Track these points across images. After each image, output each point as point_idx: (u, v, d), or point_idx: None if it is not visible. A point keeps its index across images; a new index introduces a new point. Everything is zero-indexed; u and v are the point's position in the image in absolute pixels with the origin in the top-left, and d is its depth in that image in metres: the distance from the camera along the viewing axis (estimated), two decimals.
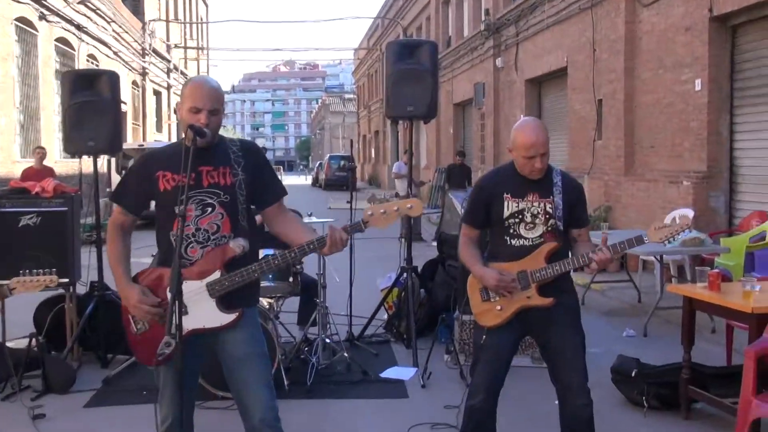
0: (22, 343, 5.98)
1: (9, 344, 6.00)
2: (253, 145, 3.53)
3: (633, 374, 5.31)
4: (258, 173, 3.41)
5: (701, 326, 7.09)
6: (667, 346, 6.65)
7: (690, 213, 9.27)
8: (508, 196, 3.73)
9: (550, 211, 3.70)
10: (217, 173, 3.32)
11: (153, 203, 3.40)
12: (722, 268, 7.97)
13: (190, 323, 3.22)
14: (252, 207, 3.43)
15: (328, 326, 6.38)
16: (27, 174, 11.84)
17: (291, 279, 6.08)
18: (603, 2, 12.54)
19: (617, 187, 12.02)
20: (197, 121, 3.23)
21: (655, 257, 7.81)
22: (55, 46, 17.36)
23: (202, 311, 3.25)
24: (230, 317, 3.27)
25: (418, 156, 31.00)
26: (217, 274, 3.25)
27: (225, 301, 3.27)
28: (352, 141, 7.92)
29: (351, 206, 6.76)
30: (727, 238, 8.85)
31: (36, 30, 16.07)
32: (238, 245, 3.26)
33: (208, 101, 3.26)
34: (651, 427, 4.97)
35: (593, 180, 12.84)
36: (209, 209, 3.29)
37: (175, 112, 4.49)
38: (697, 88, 9.86)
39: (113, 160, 16.88)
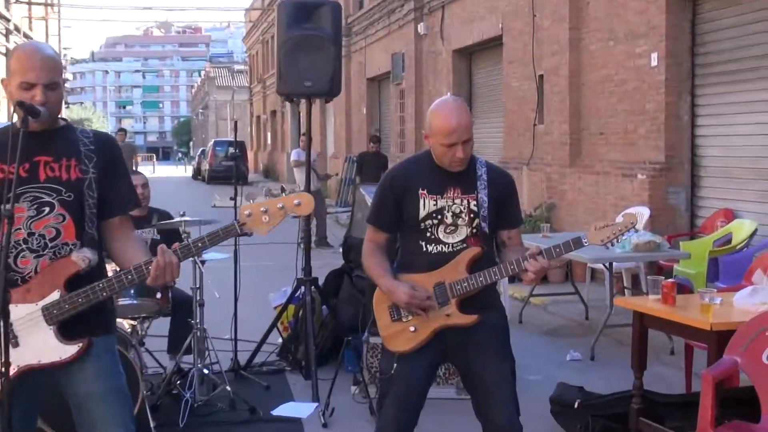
0: None
1: None
2: (110, 139, 3.45)
3: (576, 405, 5.43)
4: (110, 174, 3.31)
5: (658, 347, 7.34)
6: (618, 371, 6.83)
7: (645, 212, 9.58)
8: (424, 192, 3.77)
9: (475, 209, 3.75)
10: (59, 166, 3.22)
11: None
12: (682, 277, 8.28)
13: (21, 358, 3.10)
14: None
15: (206, 353, 6.30)
16: None
17: (158, 295, 5.97)
18: None
19: (562, 180, 12.32)
20: (31, 99, 3.11)
21: (603, 265, 8.03)
22: None
23: (36, 342, 3.13)
24: (72, 349, 3.15)
25: (325, 143, 31.01)
26: (55, 295, 3.14)
27: (66, 329, 3.15)
28: (236, 123, 7.84)
29: (236, 204, 6.70)
30: (688, 241, 9.19)
31: None
32: (82, 258, 3.16)
33: (43, 73, 3.14)
34: None
35: (534, 172, 13.13)
36: (46, 209, 3.18)
37: (3, 86, 4.26)
38: (653, 63, 10.16)
39: None
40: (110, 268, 3.61)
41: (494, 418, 3.70)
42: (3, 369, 2.88)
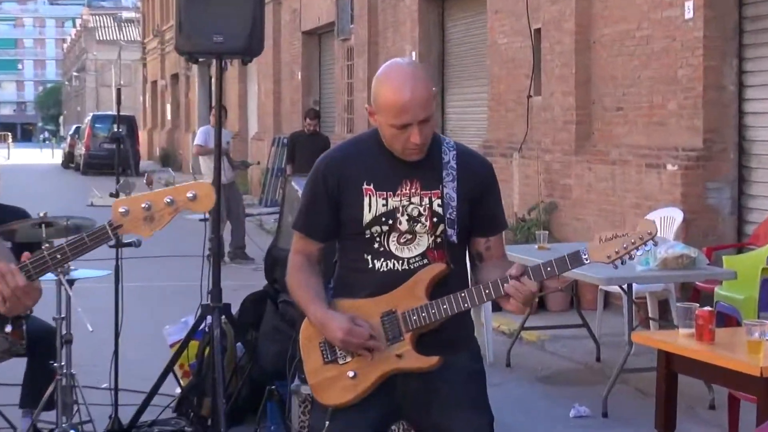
0: None
1: None
2: None
3: None
4: None
5: (692, 399, 7.38)
6: None
7: (677, 215, 9.63)
8: (370, 187, 3.74)
9: (439, 210, 3.73)
10: None
11: None
12: (725, 304, 8.33)
13: None
14: None
15: (75, 409, 6.25)
16: None
17: (8, 328, 5.91)
18: None
19: (565, 172, 12.40)
20: None
21: (620, 288, 8.06)
22: None
23: None
24: None
25: (245, 119, 30.95)
26: None
27: None
28: (120, 90, 7.79)
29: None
30: (734, 255, 9.25)
31: None
32: None
33: None
34: None
35: (528, 161, 13.21)
36: None
37: None
38: (688, 15, 10.23)
39: None
40: None
41: None
42: None
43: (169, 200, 3.15)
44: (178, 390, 7.34)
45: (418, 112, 3.62)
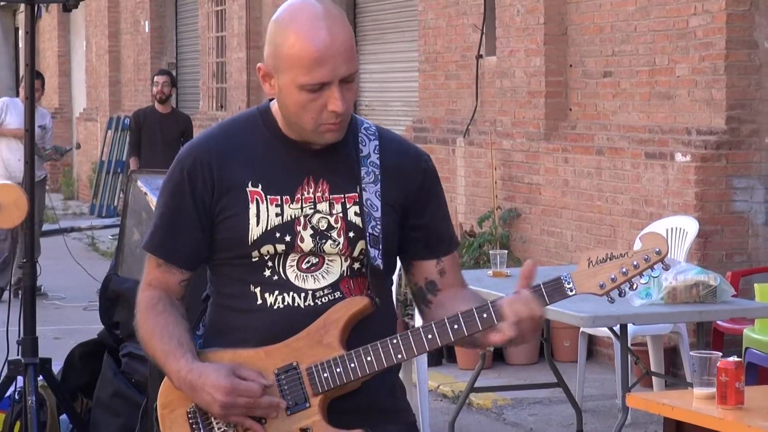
0: None
1: None
2: None
3: None
4: None
5: None
6: None
7: (690, 225, 9.76)
8: (258, 190, 3.76)
9: (358, 221, 3.77)
10: None
11: None
12: (758, 352, 8.46)
13: None
14: None
15: None
16: None
17: None
18: None
19: (531, 165, 12.53)
20: None
21: (611, 330, 8.14)
22: None
23: None
24: None
25: (68, 90, 30.77)
26: None
27: None
28: None
29: None
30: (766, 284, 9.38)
31: None
32: None
33: None
34: None
35: (477, 149, 13.33)
36: None
37: None
38: None
39: None
40: None
41: None
42: None
43: None
44: None
45: (340, 64, 3.61)
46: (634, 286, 3.65)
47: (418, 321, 4.10)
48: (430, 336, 3.66)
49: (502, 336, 3.51)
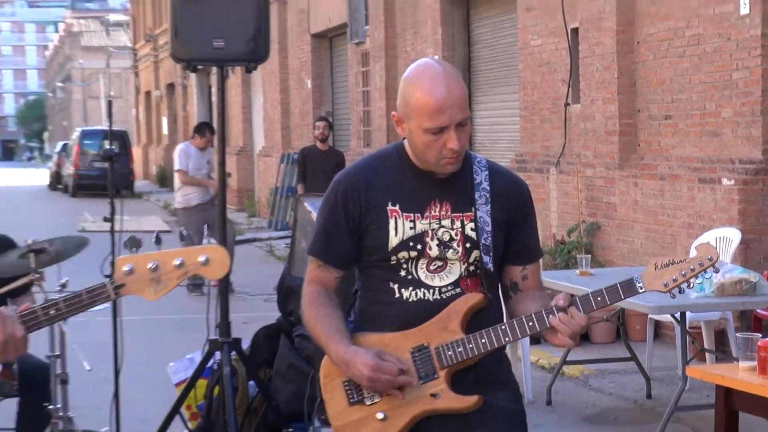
0: None
1: None
2: None
3: None
4: None
5: None
6: None
7: (734, 235, 9.62)
8: (396, 208, 3.76)
9: (473, 235, 3.75)
10: None
11: None
12: None
13: None
14: None
15: None
16: None
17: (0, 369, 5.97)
18: None
19: (609, 189, 12.40)
20: None
21: (672, 316, 8.06)
22: None
23: None
24: None
25: (249, 133, 30.95)
26: None
27: None
28: (111, 103, 7.84)
29: (113, 227, 6.68)
30: None
31: None
32: None
33: None
34: None
35: (567, 176, 13.22)
36: None
37: None
38: (744, 10, 10.21)
39: None
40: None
41: None
42: None
43: (178, 263, 3.16)
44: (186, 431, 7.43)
45: (456, 112, 3.62)
46: (691, 285, 3.64)
47: None
48: (530, 324, 3.66)
49: (556, 340, 3.66)
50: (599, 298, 3.63)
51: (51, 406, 6.16)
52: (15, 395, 6.40)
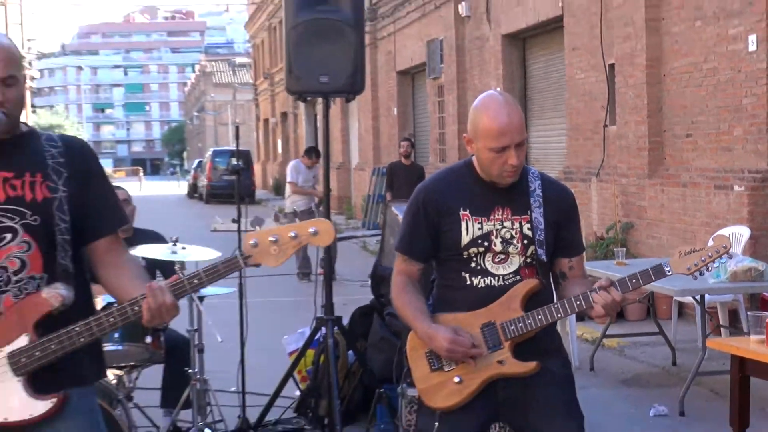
0: None
1: None
2: (81, 144, 3.43)
3: None
4: (87, 189, 3.32)
5: (765, 399, 7.27)
6: (713, 429, 6.80)
7: (744, 232, 9.53)
8: (466, 213, 3.78)
9: (529, 233, 3.77)
10: (22, 183, 3.22)
11: None
12: None
13: None
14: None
15: (208, 410, 6.35)
16: None
17: (148, 339, 6.04)
18: None
19: (640, 194, 12.30)
20: None
21: (693, 299, 8.00)
22: None
23: (1, 396, 3.16)
24: (44, 405, 3.18)
25: (347, 151, 31.06)
26: (23, 340, 3.16)
27: (38, 380, 3.18)
28: (238, 128, 7.93)
29: (239, 227, 6.75)
30: None
31: None
32: (54, 295, 3.16)
33: (1, 66, 3.15)
34: None
35: (605, 185, 13.12)
36: (8, 236, 3.19)
37: None
38: (752, 47, 10.10)
39: None
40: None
41: None
42: None
43: (293, 234, 3.20)
44: (298, 393, 7.42)
45: (515, 135, 3.66)
46: (709, 269, 3.65)
47: None
48: (578, 302, 3.69)
49: (597, 314, 3.66)
50: (634, 280, 3.65)
51: (190, 371, 6.22)
52: (162, 362, 6.50)
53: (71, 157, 3.31)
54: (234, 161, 8.24)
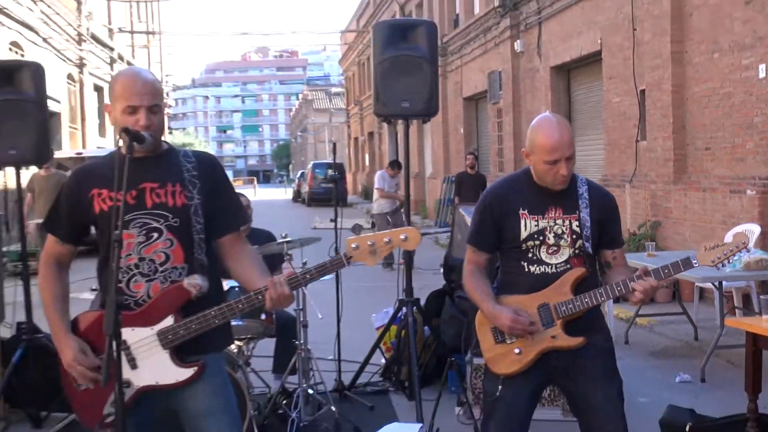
0: None
1: None
2: (210, 158, 3.50)
3: (687, 428, 5.31)
4: (215, 195, 3.39)
5: None
6: (730, 394, 6.65)
7: (755, 229, 9.32)
8: (525, 212, 3.76)
9: (577, 229, 3.73)
10: (165, 192, 3.29)
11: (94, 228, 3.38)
12: None
13: (139, 379, 3.23)
14: None
15: (311, 374, 6.39)
16: None
17: (263, 317, 6.09)
18: None
19: (666, 197, 12.10)
20: (135, 124, 3.19)
21: (713, 284, 7.85)
22: None
23: (153, 365, 3.24)
24: (188, 372, 3.26)
25: (422, 163, 31.08)
26: (169, 321, 3.24)
27: (181, 353, 3.27)
28: (335, 144, 7.97)
29: (336, 226, 6.77)
30: None
31: None
32: (193, 284, 3.24)
33: (146, 97, 3.22)
34: None
35: (637, 189, 12.92)
36: (155, 235, 3.26)
37: (107, 112, 4.31)
38: (761, 74, 9.94)
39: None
40: None
41: None
42: (118, 389, 2.96)
43: (387, 240, 3.27)
44: (383, 361, 7.45)
45: (565, 150, 3.63)
46: (730, 261, 3.56)
47: None
48: (618, 288, 3.62)
49: (635, 298, 3.61)
50: (666, 270, 3.60)
51: (297, 342, 6.26)
52: (273, 335, 6.55)
53: (202, 169, 3.39)
54: (331, 172, 8.29)
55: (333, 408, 6.19)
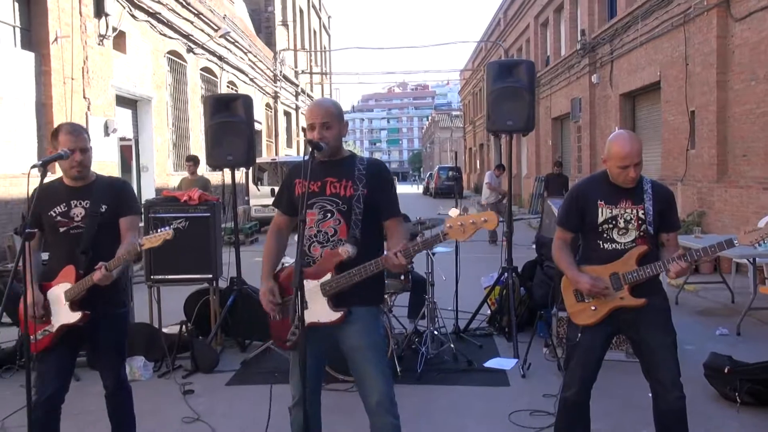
0: (175, 330, 6.40)
1: (164, 330, 6.45)
2: (380, 166, 3.53)
3: (726, 370, 5.03)
4: (378, 192, 3.42)
5: None
6: (761, 346, 6.27)
7: None
8: (602, 203, 3.62)
9: (642, 217, 3.57)
10: (340, 184, 3.39)
11: None
12: None
13: (309, 317, 3.33)
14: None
15: (436, 319, 6.37)
16: (183, 183, 12.21)
17: (402, 277, 6.12)
18: (695, 19, 11.98)
19: (710, 193, 11.45)
20: (312, 137, 3.37)
21: (747, 260, 7.39)
22: (201, 74, 18.20)
23: (317, 307, 3.35)
24: (336, 315, 3.33)
25: (519, 166, 30.51)
26: (328, 276, 3.33)
27: (335, 300, 3.34)
28: (456, 153, 7.94)
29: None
30: None
31: (185, 61, 16.90)
32: (344, 251, 3.31)
33: (318, 117, 3.36)
34: (743, 422, 4.69)
35: (687, 187, 12.29)
36: (329, 215, 3.38)
37: (303, 131, 4.60)
38: None
39: (249, 172, 17.53)
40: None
41: (661, 378, 3.51)
42: (300, 323, 3.09)
43: (472, 221, 3.20)
44: (489, 312, 7.35)
45: (634, 158, 3.49)
46: (765, 241, 3.32)
47: None
48: (661, 266, 3.46)
49: (670, 276, 3.46)
50: (712, 248, 3.42)
51: (426, 296, 6.26)
52: (409, 291, 6.53)
53: (370, 171, 3.44)
54: (452, 173, 8.24)
55: (452, 345, 6.18)
